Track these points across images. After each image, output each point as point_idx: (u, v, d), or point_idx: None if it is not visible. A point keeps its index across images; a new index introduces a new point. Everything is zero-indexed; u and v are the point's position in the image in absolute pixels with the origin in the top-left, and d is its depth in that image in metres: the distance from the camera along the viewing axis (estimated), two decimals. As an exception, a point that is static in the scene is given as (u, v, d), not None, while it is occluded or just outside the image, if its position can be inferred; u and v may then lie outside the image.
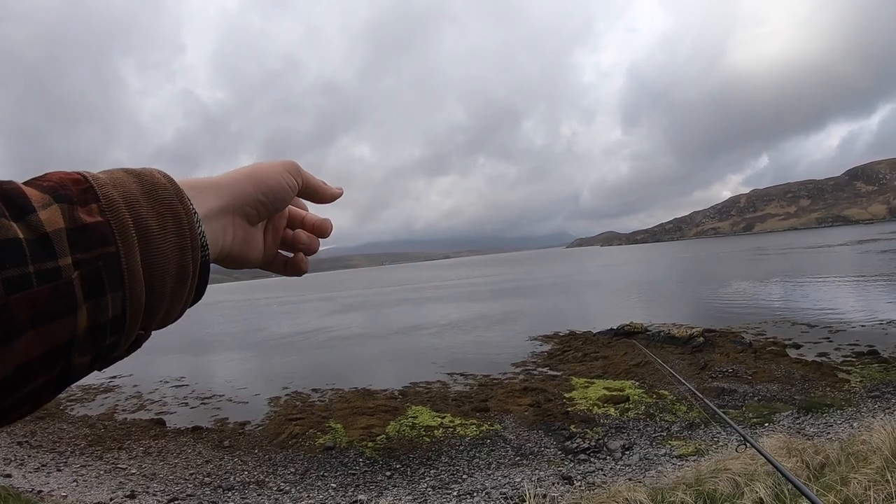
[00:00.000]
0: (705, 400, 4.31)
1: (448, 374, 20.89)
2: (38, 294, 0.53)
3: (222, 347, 34.76)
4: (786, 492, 3.77)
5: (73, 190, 0.58)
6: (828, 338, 21.26)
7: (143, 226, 0.63)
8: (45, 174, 0.60)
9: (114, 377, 25.49)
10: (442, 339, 30.60)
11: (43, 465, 12.82)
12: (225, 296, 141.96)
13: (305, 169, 0.94)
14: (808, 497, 2.22)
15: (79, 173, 0.61)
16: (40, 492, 10.80)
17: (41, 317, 0.54)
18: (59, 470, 12.53)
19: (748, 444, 3.08)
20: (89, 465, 12.88)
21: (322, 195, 0.97)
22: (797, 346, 20.20)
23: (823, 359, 18.04)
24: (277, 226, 0.97)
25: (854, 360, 17.64)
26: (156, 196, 0.67)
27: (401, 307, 56.80)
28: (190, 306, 0.79)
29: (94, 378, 25.95)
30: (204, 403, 19.43)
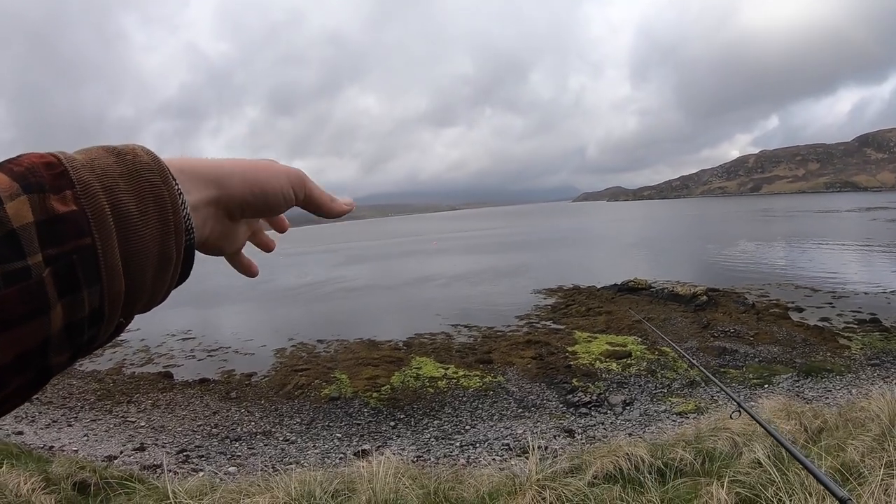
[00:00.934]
0: (699, 367, 4.38)
1: (452, 325, 21.11)
2: (4, 298, 0.48)
3: (227, 300, 34.80)
4: (783, 454, 3.88)
5: (45, 175, 0.54)
6: (830, 303, 21.32)
7: (122, 211, 0.60)
8: (19, 156, 0.56)
9: (121, 332, 25.65)
10: (446, 291, 30.79)
11: (54, 421, 13.02)
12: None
13: (314, 181, 0.87)
14: (802, 463, 2.31)
15: (53, 155, 0.58)
16: (52, 447, 11.02)
17: (10, 322, 0.48)
18: (69, 425, 12.76)
19: (742, 411, 3.19)
20: (99, 420, 13.12)
21: (328, 211, 0.88)
22: (800, 310, 20.31)
23: (825, 324, 18.14)
24: (256, 230, 0.92)
25: (856, 326, 17.74)
26: (137, 177, 0.63)
27: (405, 259, 56.86)
28: (175, 287, 0.75)
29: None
30: (210, 356, 19.61)
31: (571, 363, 14.98)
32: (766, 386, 12.54)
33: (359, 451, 10.22)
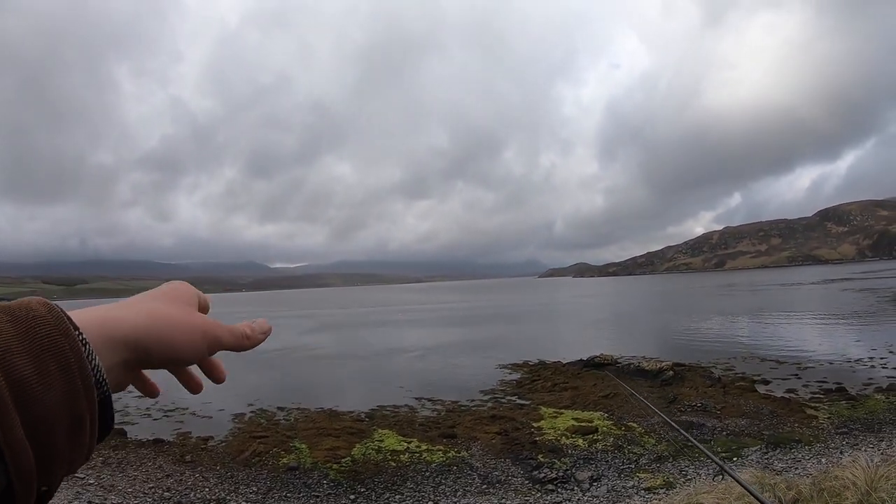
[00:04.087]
0: (681, 431, 4.20)
1: (416, 398, 20.67)
2: None
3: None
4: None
5: None
6: (796, 374, 21.45)
7: (18, 379, 0.56)
8: None
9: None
10: (411, 363, 30.41)
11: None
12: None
13: (225, 329, 0.87)
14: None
15: None
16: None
17: None
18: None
19: (725, 475, 2.97)
20: None
21: (245, 349, 0.91)
22: (766, 382, 20.32)
23: (792, 395, 18.14)
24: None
25: (822, 396, 17.79)
26: (33, 335, 0.59)
27: (371, 329, 56.48)
28: (102, 441, 0.73)
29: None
30: (167, 416, 19.07)
31: (537, 439, 14.63)
32: (735, 459, 12.32)
33: (315, 528, 9.79)
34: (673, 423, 4.82)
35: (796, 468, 11.13)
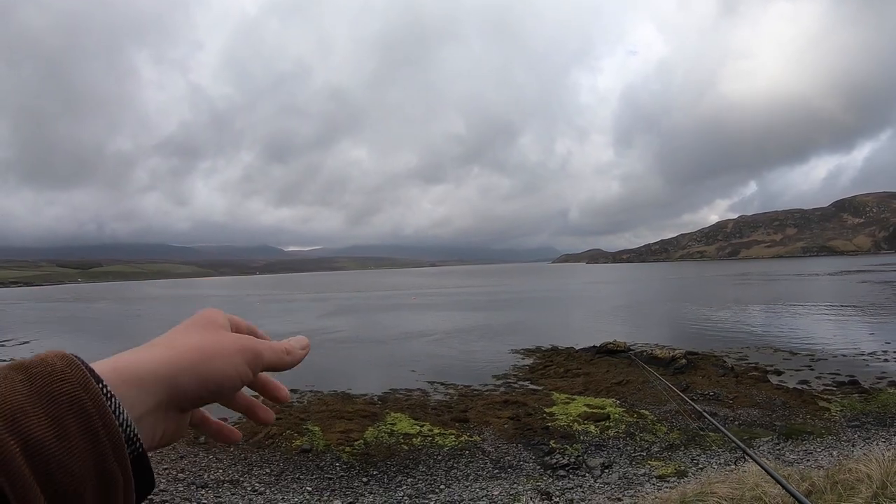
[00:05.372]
0: (707, 416, 4.19)
1: (429, 382, 20.77)
2: None
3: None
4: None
5: None
6: (809, 366, 21.37)
7: (36, 443, 0.51)
8: None
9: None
10: (424, 347, 30.49)
11: None
12: (211, 290, 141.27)
13: (266, 344, 0.76)
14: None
15: None
16: None
17: None
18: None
19: (742, 461, 3.00)
20: None
21: (286, 368, 0.78)
22: (778, 373, 20.26)
23: (804, 386, 18.08)
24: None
25: (835, 389, 17.73)
26: (50, 393, 0.54)
27: (385, 313, 56.59)
28: (142, 501, 0.66)
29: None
30: (181, 398, 19.17)
31: (549, 424, 14.68)
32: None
33: (329, 508, 9.89)
34: (706, 414, 4.84)
35: (808, 460, 11.11)
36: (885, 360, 21.87)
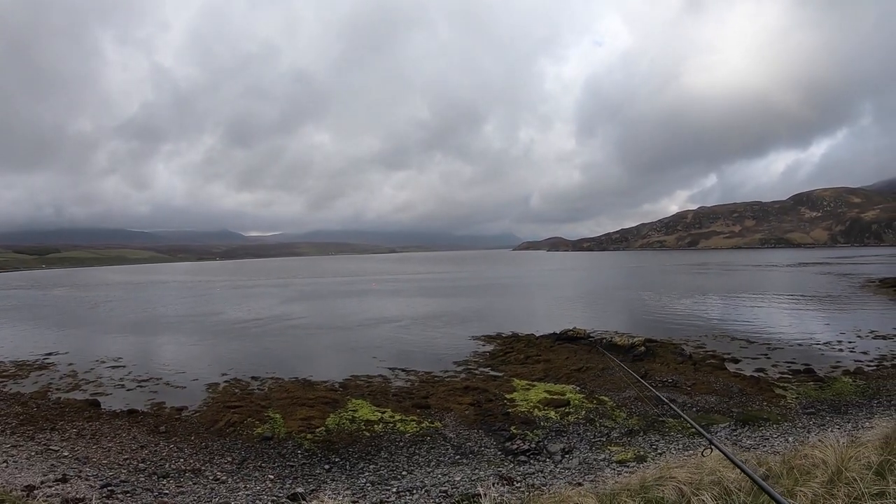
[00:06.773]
0: (667, 402, 4.20)
1: (390, 368, 20.72)
2: None
3: (166, 329, 33.98)
4: (737, 501, 3.70)
5: None
6: (766, 354, 21.78)
7: None
8: None
9: (49, 354, 24.64)
10: (385, 333, 30.41)
11: (-30, 445, 12.10)
12: (170, 276, 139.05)
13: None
14: (773, 497, 2.12)
15: None
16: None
17: None
18: (-14, 450, 11.85)
19: (714, 448, 3.00)
20: (20, 446, 12.28)
21: None
22: (735, 361, 20.62)
23: (761, 374, 18.42)
24: None
25: (790, 377, 18.08)
26: None
27: (345, 299, 56.35)
28: None
29: (28, 354, 25.02)
30: (140, 386, 18.87)
31: (510, 410, 14.73)
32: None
33: (292, 494, 9.78)
34: (666, 400, 4.85)
35: (764, 445, 11.29)
36: (840, 350, 22.38)
